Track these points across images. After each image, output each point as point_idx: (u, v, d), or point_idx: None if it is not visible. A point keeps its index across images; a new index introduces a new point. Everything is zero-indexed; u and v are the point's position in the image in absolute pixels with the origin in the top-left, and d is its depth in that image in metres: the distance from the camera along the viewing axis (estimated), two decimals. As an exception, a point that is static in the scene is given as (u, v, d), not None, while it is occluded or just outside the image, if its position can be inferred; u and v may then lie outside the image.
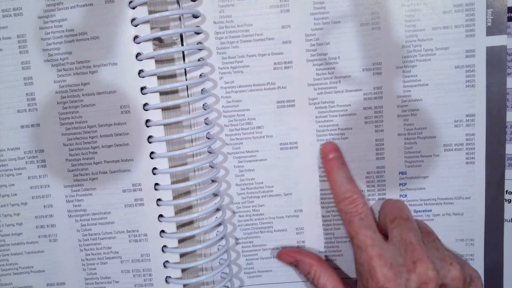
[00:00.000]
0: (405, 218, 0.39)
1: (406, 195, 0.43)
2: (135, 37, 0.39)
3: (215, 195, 0.43)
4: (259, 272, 0.45)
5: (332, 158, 0.42)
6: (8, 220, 0.42)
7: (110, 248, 0.42)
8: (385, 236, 0.39)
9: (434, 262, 0.36)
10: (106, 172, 0.41)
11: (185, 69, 0.42)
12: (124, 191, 0.41)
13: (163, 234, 0.41)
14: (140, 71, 0.40)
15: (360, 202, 0.40)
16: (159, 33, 0.39)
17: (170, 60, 0.42)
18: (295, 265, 0.43)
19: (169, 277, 0.42)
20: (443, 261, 0.37)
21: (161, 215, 0.41)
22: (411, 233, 0.37)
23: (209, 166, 0.43)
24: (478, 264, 0.43)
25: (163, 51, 0.39)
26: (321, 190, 0.43)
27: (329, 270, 0.42)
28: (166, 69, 0.40)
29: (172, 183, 0.41)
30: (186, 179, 0.43)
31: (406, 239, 0.37)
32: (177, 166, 0.41)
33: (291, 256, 0.43)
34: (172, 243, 0.42)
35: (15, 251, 0.43)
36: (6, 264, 0.43)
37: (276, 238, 0.44)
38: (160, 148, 0.40)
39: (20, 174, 0.42)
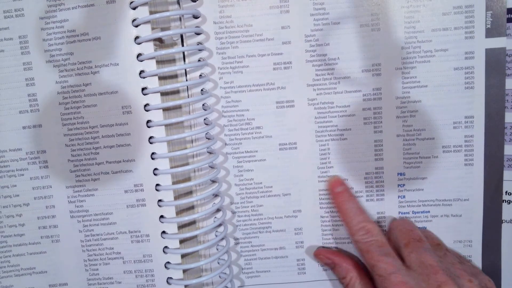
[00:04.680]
0: (418, 239, 0.39)
1: (404, 196, 0.43)
2: (136, 38, 0.39)
3: (216, 195, 0.44)
4: (257, 272, 0.45)
5: (340, 192, 0.42)
6: (11, 221, 0.43)
7: (112, 248, 0.42)
8: (401, 260, 0.39)
9: (457, 283, 0.36)
10: (108, 173, 0.41)
11: (185, 70, 0.42)
12: (126, 191, 0.41)
13: (164, 235, 0.41)
14: (141, 72, 0.40)
15: (376, 230, 0.40)
16: (159, 34, 0.39)
17: (171, 61, 0.42)
18: (332, 267, 0.43)
19: (171, 278, 0.42)
20: (461, 278, 0.37)
21: (162, 216, 0.41)
22: (428, 255, 0.37)
23: (209, 166, 0.43)
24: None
25: (163, 51, 0.39)
26: (320, 190, 0.44)
27: (366, 278, 0.41)
28: (166, 69, 0.40)
29: (173, 183, 0.41)
30: (187, 179, 0.43)
31: (425, 262, 0.37)
32: (178, 166, 0.41)
33: (328, 258, 0.43)
34: (174, 243, 0.42)
35: (17, 252, 0.43)
36: (8, 266, 0.43)
37: (274, 239, 0.45)
38: (161, 148, 0.41)
39: (22, 175, 0.42)
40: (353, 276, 0.41)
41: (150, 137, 0.40)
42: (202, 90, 0.42)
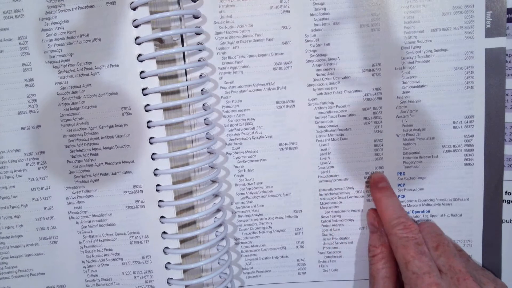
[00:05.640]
0: (447, 244, 0.39)
1: (404, 196, 0.43)
2: (136, 38, 0.39)
3: (216, 195, 0.43)
4: (258, 272, 0.45)
5: (383, 187, 0.42)
6: (8, 222, 0.42)
7: (111, 250, 0.42)
8: None
9: None
10: (107, 174, 0.41)
11: (185, 70, 0.42)
12: (125, 192, 0.41)
13: (164, 235, 0.41)
14: (141, 72, 0.40)
15: (415, 228, 0.39)
16: (160, 34, 0.39)
17: (171, 61, 0.42)
18: (373, 231, 0.43)
19: (171, 278, 0.42)
20: (486, 285, 0.38)
21: (162, 216, 0.41)
22: (457, 260, 0.38)
23: (209, 166, 0.43)
24: (476, 265, 0.43)
25: (164, 51, 0.39)
26: (320, 190, 0.43)
27: (392, 261, 0.40)
28: (167, 69, 0.40)
29: (173, 183, 0.41)
30: (188, 179, 0.43)
31: (455, 267, 0.37)
32: (179, 166, 0.41)
33: (378, 222, 0.42)
34: (174, 244, 0.42)
35: (15, 253, 0.43)
36: (5, 267, 0.43)
37: (275, 239, 0.45)
38: (161, 149, 0.40)
39: (21, 176, 0.42)
40: (383, 252, 0.41)
41: (151, 138, 0.40)
42: (202, 90, 0.42)
